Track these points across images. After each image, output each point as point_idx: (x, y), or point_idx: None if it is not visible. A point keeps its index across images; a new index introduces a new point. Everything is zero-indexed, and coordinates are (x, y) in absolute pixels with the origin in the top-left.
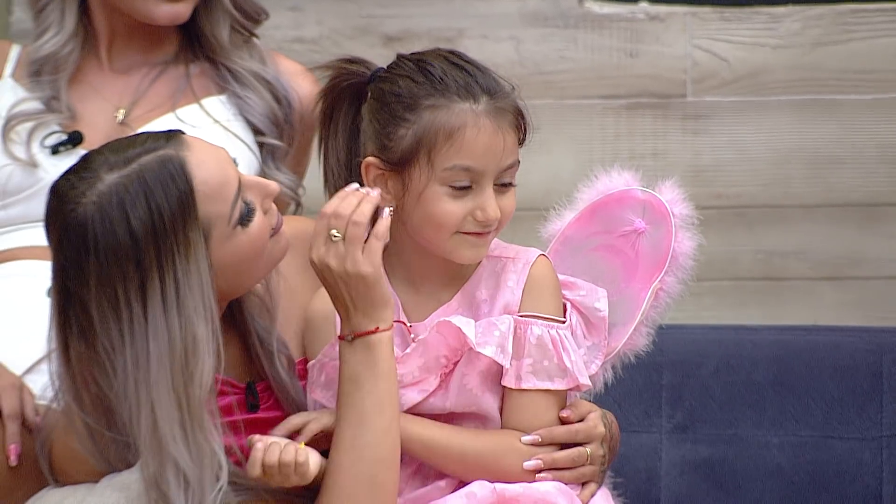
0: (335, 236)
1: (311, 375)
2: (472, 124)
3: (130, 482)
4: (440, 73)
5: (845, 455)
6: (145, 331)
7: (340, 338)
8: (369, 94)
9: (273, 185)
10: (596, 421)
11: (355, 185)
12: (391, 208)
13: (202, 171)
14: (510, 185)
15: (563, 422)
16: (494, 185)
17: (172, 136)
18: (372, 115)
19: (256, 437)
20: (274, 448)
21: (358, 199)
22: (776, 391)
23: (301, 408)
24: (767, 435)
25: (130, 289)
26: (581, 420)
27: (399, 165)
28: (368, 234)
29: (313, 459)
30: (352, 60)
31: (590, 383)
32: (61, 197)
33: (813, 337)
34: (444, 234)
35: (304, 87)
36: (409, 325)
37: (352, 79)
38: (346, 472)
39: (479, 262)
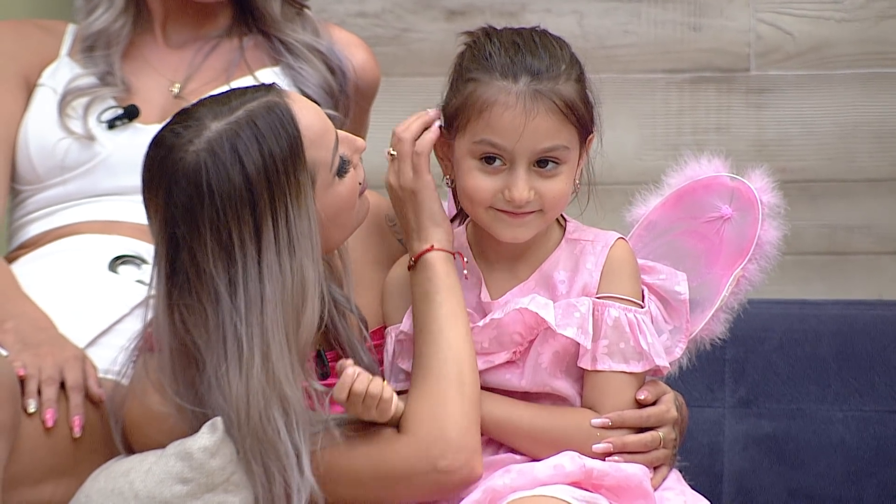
0: (391, 153)
1: (392, 345)
2: (501, 102)
3: (193, 451)
4: (493, 49)
5: None
6: (258, 274)
7: (409, 268)
8: None
9: (361, 142)
10: (669, 405)
11: (429, 109)
12: (441, 123)
13: (306, 117)
14: (553, 169)
15: (639, 404)
16: (533, 167)
17: (270, 87)
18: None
19: (348, 362)
20: (363, 377)
21: (414, 118)
22: (840, 366)
23: (371, 371)
24: (831, 410)
25: (245, 233)
26: (655, 401)
27: (449, 134)
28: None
29: (395, 399)
30: (483, 29)
31: (668, 366)
32: (168, 146)
33: (877, 311)
34: (477, 208)
35: (358, 56)
36: (484, 302)
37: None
38: (435, 375)
39: (558, 244)
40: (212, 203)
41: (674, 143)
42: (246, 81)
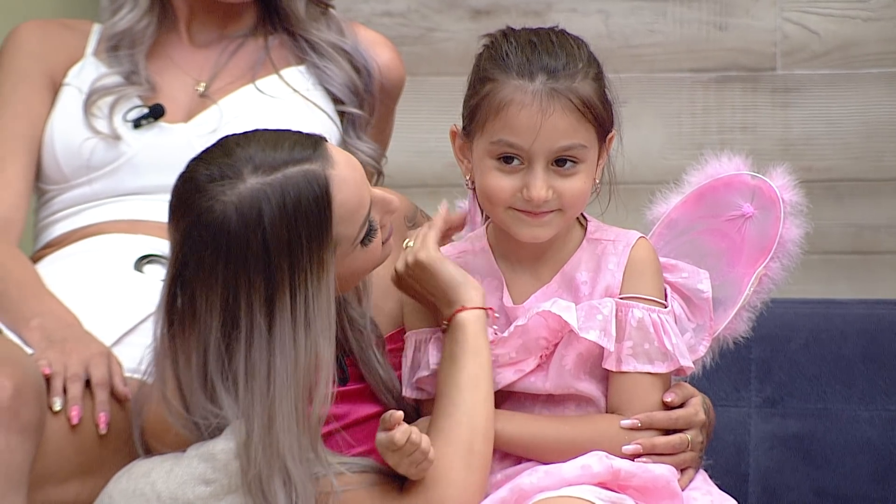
0: (408, 245)
1: (411, 351)
2: (517, 101)
3: (216, 452)
4: (510, 48)
5: None
6: (267, 344)
7: (442, 331)
8: None
9: (395, 203)
10: (697, 407)
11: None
12: (446, 206)
13: (343, 192)
14: (571, 168)
15: (666, 405)
16: (552, 166)
17: (319, 145)
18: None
19: (398, 413)
20: (417, 432)
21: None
22: (866, 365)
23: (387, 385)
24: (857, 409)
25: (255, 299)
26: (683, 404)
27: (468, 135)
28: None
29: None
30: (501, 30)
31: (692, 366)
32: (198, 186)
33: None
34: (497, 208)
35: (383, 55)
36: (507, 307)
37: None
38: (444, 438)
39: (580, 244)
40: (226, 263)
41: (699, 143)
42: (271, 80)
